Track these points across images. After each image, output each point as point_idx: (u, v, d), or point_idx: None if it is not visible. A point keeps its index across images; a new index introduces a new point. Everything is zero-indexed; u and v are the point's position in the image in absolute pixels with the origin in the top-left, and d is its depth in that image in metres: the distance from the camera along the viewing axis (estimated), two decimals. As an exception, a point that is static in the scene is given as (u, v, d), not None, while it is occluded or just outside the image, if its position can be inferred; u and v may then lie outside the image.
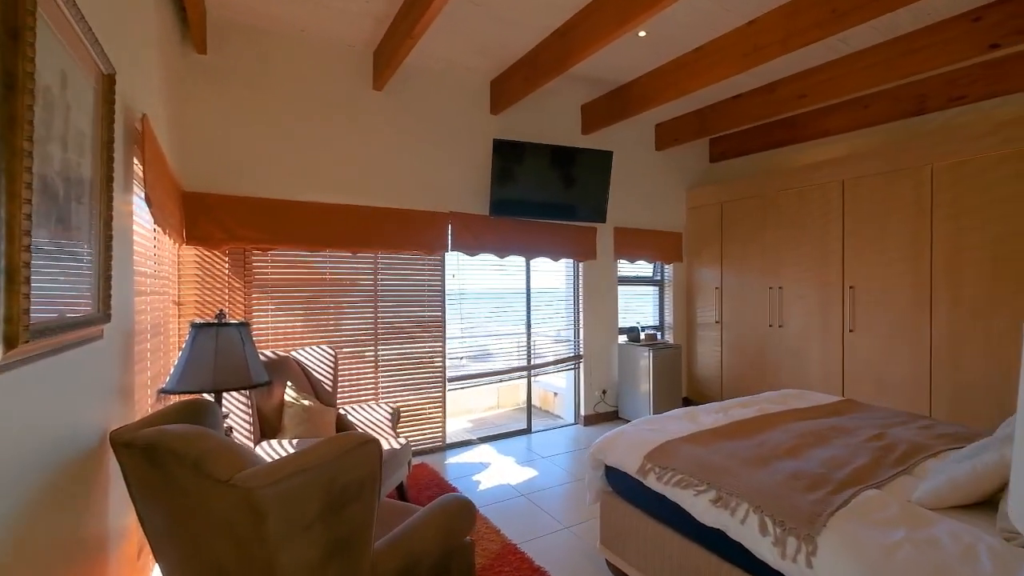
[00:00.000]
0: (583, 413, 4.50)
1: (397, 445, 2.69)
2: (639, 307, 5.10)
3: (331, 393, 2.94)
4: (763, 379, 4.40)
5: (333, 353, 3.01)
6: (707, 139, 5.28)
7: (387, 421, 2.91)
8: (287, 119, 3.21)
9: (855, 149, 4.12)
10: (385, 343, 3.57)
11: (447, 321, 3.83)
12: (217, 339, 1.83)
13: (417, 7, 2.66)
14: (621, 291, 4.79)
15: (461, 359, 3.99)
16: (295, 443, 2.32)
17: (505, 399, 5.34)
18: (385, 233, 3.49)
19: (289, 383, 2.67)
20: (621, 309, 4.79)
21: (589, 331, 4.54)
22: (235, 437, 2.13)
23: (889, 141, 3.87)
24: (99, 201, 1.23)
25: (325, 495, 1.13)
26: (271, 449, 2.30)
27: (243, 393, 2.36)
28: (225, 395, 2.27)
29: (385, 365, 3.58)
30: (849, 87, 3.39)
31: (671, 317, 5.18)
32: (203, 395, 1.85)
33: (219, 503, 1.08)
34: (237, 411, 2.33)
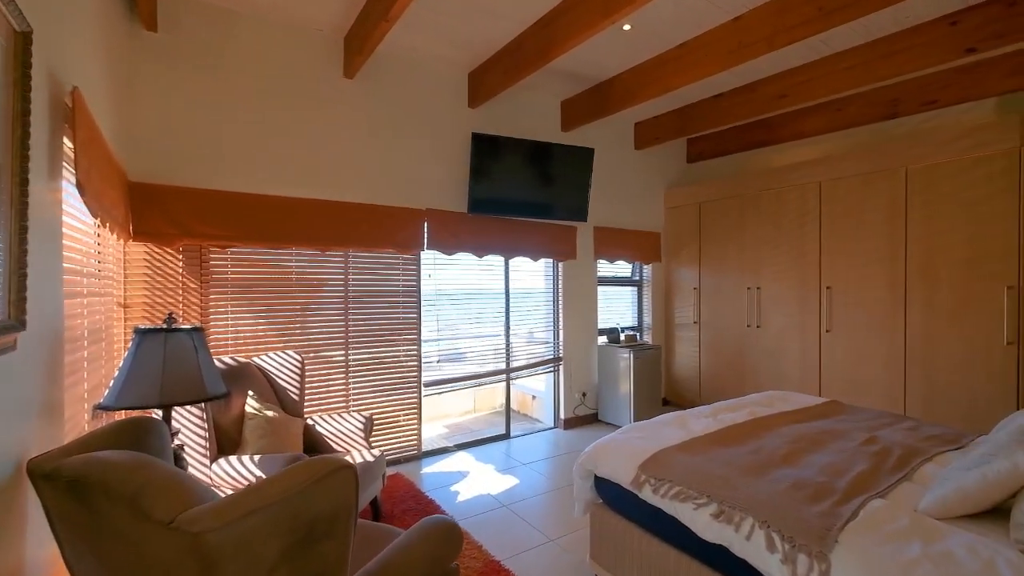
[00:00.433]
0: (563, 416, 4.40)
1: (371, 457, 2.51)
2: (617, 308, 5.04)
3: (298, 402, 2.73)
4: (741, 380, 4.40)
5: (300, 359, 2.79)
6: (685, 139, 5.28)
7: (359, 431, 2.72)
8: (249, 106, 2.96)
9: (830, 151, 4.17)
10: (356, 347, 3.36)
11: (423, 323, 3.65)
12: (166, 346, 1.61)
13: (393, -13, 2.48)
14: (600, 292, 4.72)
15: (437, 362, 3.82)
16: (257, 459, 2.10)
17: (482, 403, 5.19)
18: (357, 230, 3.28)
19: (251, 392, 2.44)
20: (599, 310, 4.71)
21: (569, 332, 4.44)
22: (187, 456, 1.91)
23: (865, 144, 3.92)
24: (10, 185, 1.02)
25: (289, 534, 0.96)
26: (229, 467, 2.08)
27: (197, 406, 2.13)
28: (176, 409, 2.04)
29: (357, 370, 3.37)
30: (829, 88, 3.40)
31: (649, 318, 5.14)
32: (149, 411, 1.63)
33: (160, 549, 0.90)
34: (190, 427, 2.10)
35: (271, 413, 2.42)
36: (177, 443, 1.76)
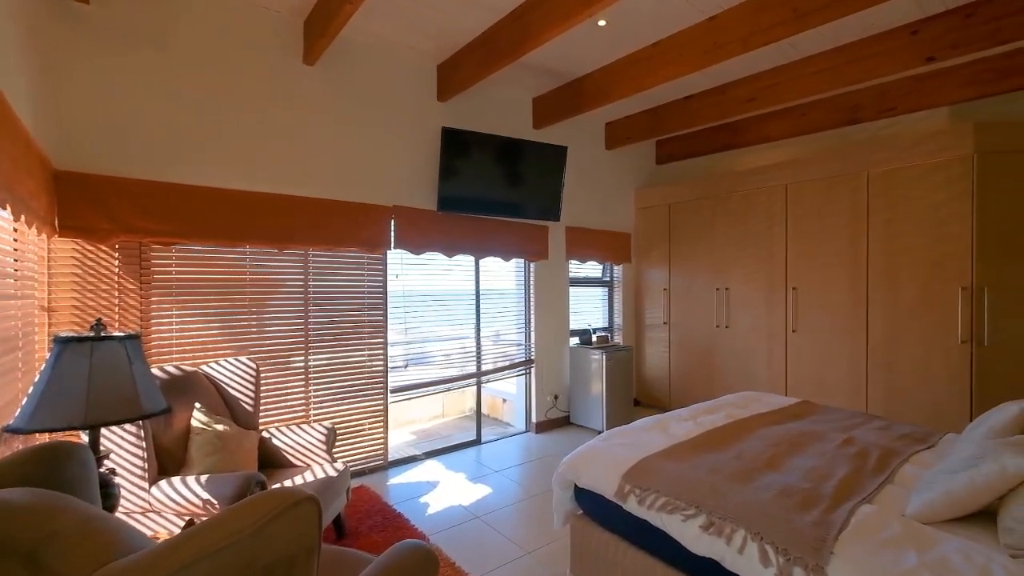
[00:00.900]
0: (535, 420, 4.30)
1: (334, 472, 2.33)
2: (588, 308, 4.99)
3: (252, 413, 2.50)
4: (710, 380, 4.44)
5: (254, 366, 2.57)
6: (654, 140, 5.29)
7: (321, 444, 2.52)
8: (198, 90, 2.70)
9: (795, 155, 4.26)
10: (317, 351, 3.15)
11: (390, 326, 3.47)
12: (92, 357, 1.40)
13: (358, -34, 2.31)
14: (571, 293, 4.65)
15: (405, 367, 3.64)
16: (204, 479, 1.89)
17: (451, 407, 5.03)
18: (318, 227, 3.07)
19: (198, 405, 2.21)
20: (570, 311, 4.65)
21: (541, 334, 4.35)
22: (120, 482, 1.68)
23: (828, 148, 4.02)
24: None
25: (240, 585, 0.81)
26: (171, 489, 1.85)
27: (134, 423, 1.89)
28: (107, 429, 1.80)
29: (318, 377, 3.15)
30: (797, 92, 3.45)
31: (620, 319, 5.12)
32: (72, 434, 1.41)
33: (70, 614, 0.72)
34: (124, 447, 1.86)
35: (221, 427, 2.20)
36: (107, 468, 1.54)
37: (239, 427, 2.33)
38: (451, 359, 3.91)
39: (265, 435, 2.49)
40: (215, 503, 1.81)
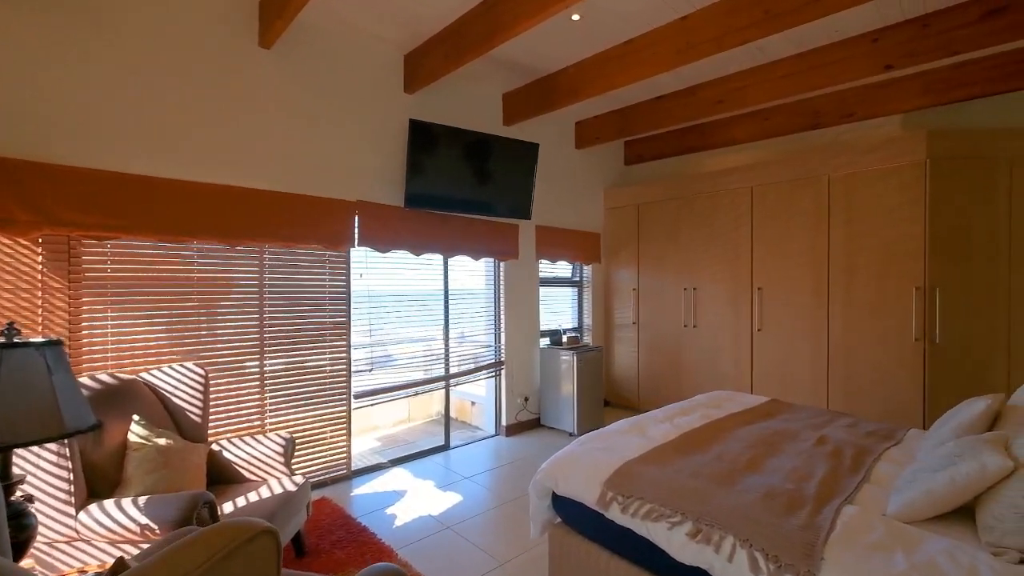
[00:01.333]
0: (504, 423, 4.21)
1: (293, 486, 2.15)
2: (557, 309, 4.95)
3: (200, 424, 2.28)
4: (678, 379, 4.48)
5: (202, 372, 2.35)
6: (623, 141, 5.31)
7: (278, 455, 2.33)
8: (140, 68, 2.45)
9: (758, 158, 4.36)
10: (274, 355, 2.94)
11: (353, 327, 3.29)
12: (1, 368, 1.19)
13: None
14: (540, 293, 4.59)
15: (370, 371, 3.46)
16: (143, 501, 1.69)
17: (417, 411, 4.86)
18: (275, 222, 2.86)
19: (136, 417, 1.99)
20: (540, 311, 4.59)
21: (511, 335, 4.26)
22: (39, 510, 1.46)
23: (792, 152, 4.13)
24: None
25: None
26: (103, 514, 1.64)
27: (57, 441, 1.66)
28: (23, 450, 1.57)
29: (274, 382, 2.94)
30: (764, 95, 3.51)
31: (589, 319, 5.11)
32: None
33: None
34: (45, 468, 1.63)
35: (164, 441, 1.99)
36: (21, 495, 1.32)
37: (185, 440, 2.12)
38: (419, 362, 3.76)
39: (215, 448, 2.28)
40: (155, 528, 1.61)
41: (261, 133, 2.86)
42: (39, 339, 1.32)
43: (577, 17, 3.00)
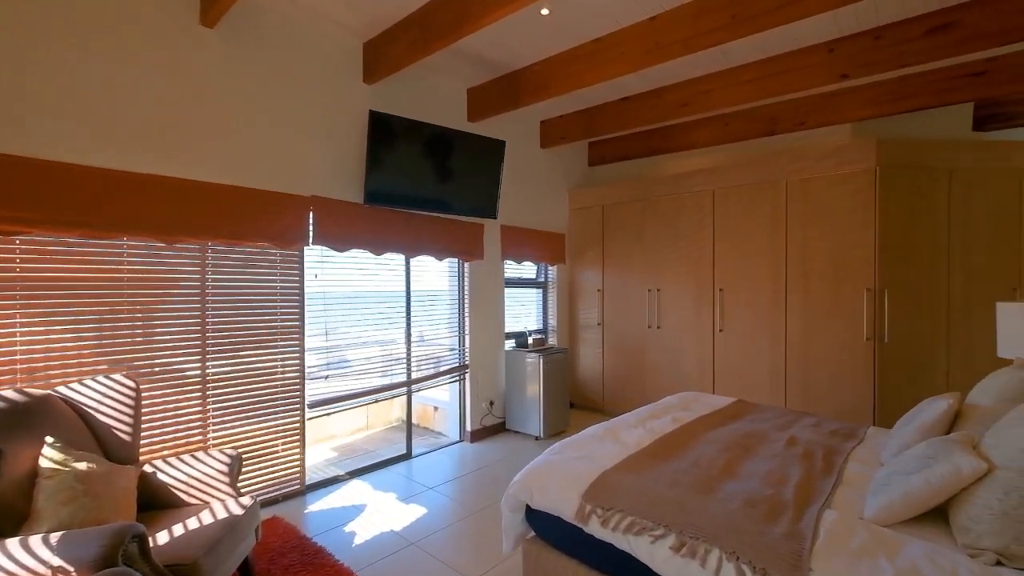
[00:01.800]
0: (469, 428, 4.08)
1: (239, 508, 1.95)
2: (522, 310, 4.87)
3: (130, 443, 2.03)
4: (642, 379, 4.50)
5: (132, 384, 2.09)
6: (587, 142, 5.30)
7: (223, 474, 2.11)
8: (60, 41, 2.15)
9: (718, 162, 4.45)
10: (218, 360, 2.68)
11: (307, 331, 3.07)
12: None
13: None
14: (505, 294, 4.49)
15: (326, 378, 3.24)
16: (56, 538, 1.45)
17: (376, 418, 4.64)
18: (219, 218, 2.61)
19: (49, 439, 1.73)
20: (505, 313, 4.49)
21: (476, 338, 4.14)
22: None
23: (752, 157, 4.23)
24: None
25: None
26: (4, 556, 1.39)
27: (-53, 469, 1.40)
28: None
29: (218, 392, 2.68)
30: (727, 100, 3.57)
31: (554, 320, 5.06)
32: None
33: None
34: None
35: (84, 465, 1.74)
36: None
37: (111, 462, 1.87)
38: (379, 366, 3.57)
39: (148, 470, 2.03)
40: (71, 570, 1.38)
41: (203, 119, 2.61)
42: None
43: (547, 11, 2.92)
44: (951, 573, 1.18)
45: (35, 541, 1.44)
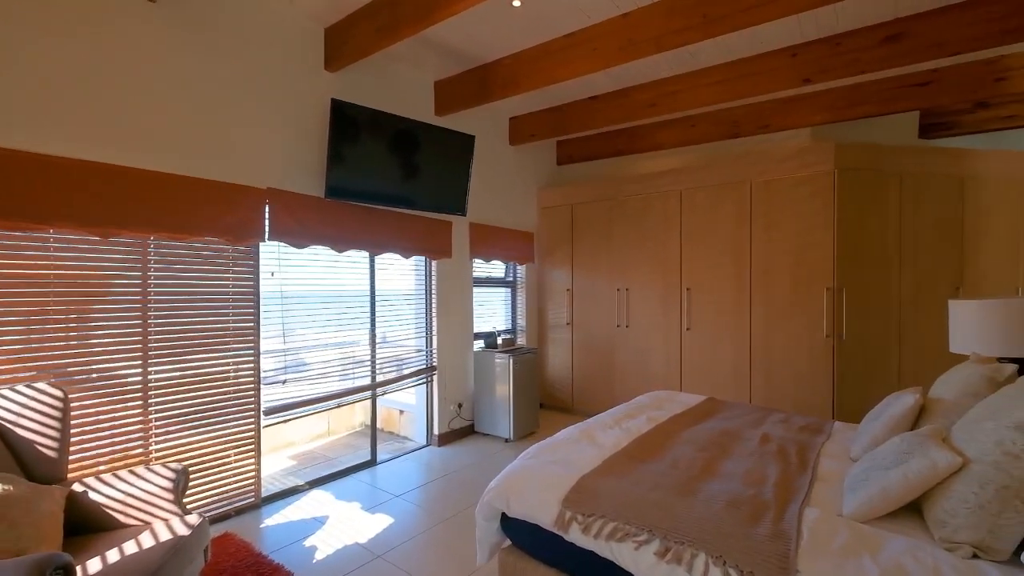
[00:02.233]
0: (437, 432, 3.95)
1: (185, 529, 1.77)
2: (490, 310, 4.78)
3: (56, 460, 1.81)
4: (611, 379, 4.50)
5: (60, 393, 1.87)
6: (555, 141, 5.27)
7: (166, 491, 1.91)
8: (-36, 4, 1.90)
9: (684, 163, 4.51)
10: (161, 364, 2.45)
11: (262, 332, 2.87)
12: None
13: None
14: (474, 293, 4.39)
15: (284, 382, 3.05)
16: (-37, 575, 1.25)
17: (338, 423, 4.43)
18: (162, 209, 2.39)
19: (-44, 459, 1.50)
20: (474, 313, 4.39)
21: (444, 338, 4.02)
22: None
23: (716, 157, 4.31)
24: None
25: None
26: None
27: None
28: None
29: (162, 397, 2.46)
30: (695, 101, 3.60)
31: (523, 320, 5.00)
32: None
33: None
34: None
35: (0, 487, 1.52)
36: None
37: (33, 483, 1.65)
38: (341, 369, 3.39)
39: (79, 489, 1.82)
40: (-21, 612, 1.19)
41: (143, 101, 2.37)
42: None
43: (518, 3, 2.85)
44: (934, 569, 1.18)
45: (-67, 580, 1.23)
